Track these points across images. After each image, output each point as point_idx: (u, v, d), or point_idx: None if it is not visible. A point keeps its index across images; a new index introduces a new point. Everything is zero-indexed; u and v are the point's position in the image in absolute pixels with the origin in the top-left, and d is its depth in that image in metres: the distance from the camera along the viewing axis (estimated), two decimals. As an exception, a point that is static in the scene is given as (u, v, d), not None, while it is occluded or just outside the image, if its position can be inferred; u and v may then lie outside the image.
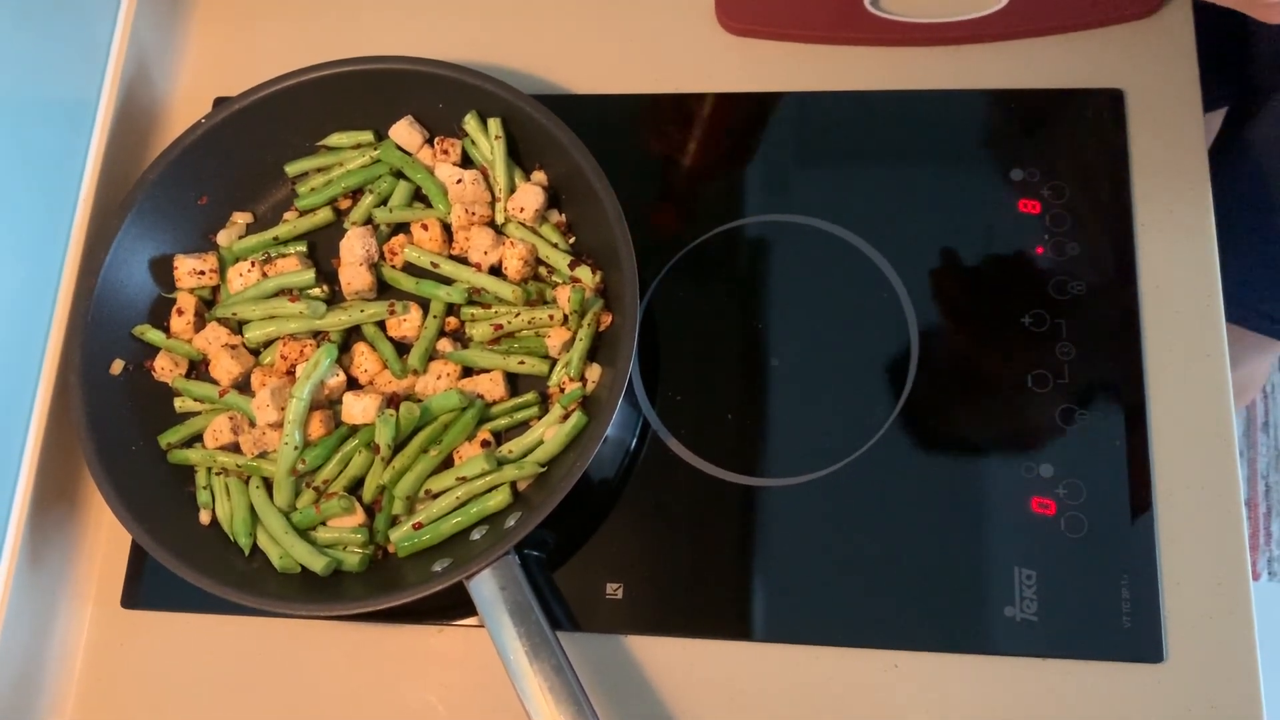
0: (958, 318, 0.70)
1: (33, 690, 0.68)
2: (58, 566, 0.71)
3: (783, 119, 0.77)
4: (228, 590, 0.63)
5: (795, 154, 0.76)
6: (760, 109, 0.77)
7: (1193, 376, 0.67)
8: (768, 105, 0.77)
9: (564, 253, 0.72)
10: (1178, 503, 0.64)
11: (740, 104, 0.78)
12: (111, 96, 0.77)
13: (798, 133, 0.77)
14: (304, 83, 0.74)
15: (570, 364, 0.68)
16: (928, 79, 0.76)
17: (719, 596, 0.66)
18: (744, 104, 0.78)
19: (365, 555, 0.66)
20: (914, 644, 0.64)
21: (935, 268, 0.72)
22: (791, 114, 0.77)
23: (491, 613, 0.60)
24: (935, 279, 0.71)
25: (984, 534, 0.65)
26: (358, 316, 0.71)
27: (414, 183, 0.75)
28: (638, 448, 0.70)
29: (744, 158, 0.77)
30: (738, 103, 0.78)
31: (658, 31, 0.80)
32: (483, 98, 0.73)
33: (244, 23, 0.85)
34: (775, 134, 0.77)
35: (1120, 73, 0.74)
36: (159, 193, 0.73)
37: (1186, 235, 0.70)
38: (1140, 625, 0.62)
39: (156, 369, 0.72)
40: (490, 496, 0.66)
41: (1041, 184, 0.72)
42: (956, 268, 0.71)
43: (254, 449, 0.69)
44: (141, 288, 0.73)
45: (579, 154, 0.69)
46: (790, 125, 0.77)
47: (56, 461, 0.71)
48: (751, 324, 0.72)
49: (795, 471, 0.68)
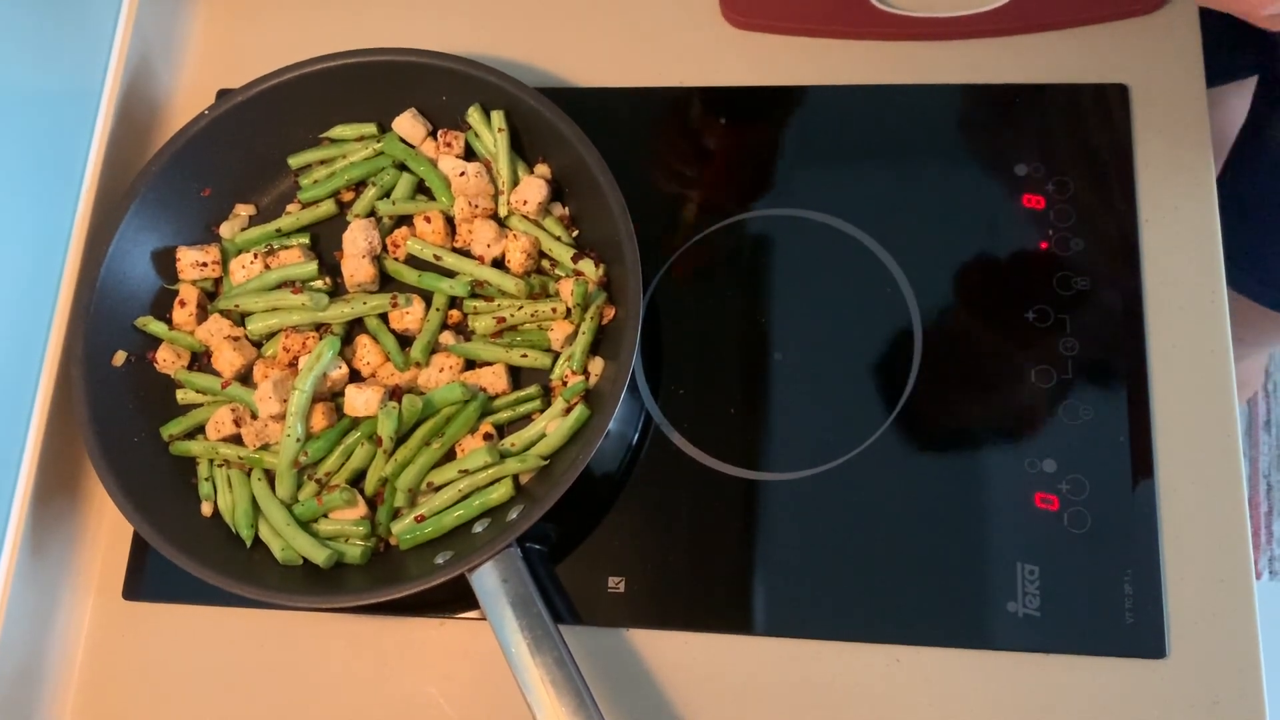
0: (961, 312, 0.70)
1: (34, 681, 0.68)
2: (59, 558, 0.71)
3: (787, 113, 0.77)
4: (229, 582, 0.63)
5: (799, 148, 0.76)
6: (764, 103, 0.77)
7: (1197, 372, 0.67)
8: (772, 99, 0.77)
9: (567, 246, 0.72)
10: (1181, 499, 0.64)
11: (744, 98, 0.78)
12: (115, 88, 0.77)
13: (802, 127, 0.76)
14: (307, 75, 0.74)
15: (573, 357, 0.68)
16: (932, 73, 0.76)
17: (721, 590, 0.66)
18: (748, 98, 0.78)
19: (367, 548, 0.66)
20: (916, 639, 0.64)
21: (939, 262, 0.71)
22: (795, 108, 0.77)
23: (493, 605, 0.60)
24: (938, 274, 0.71)
25: (986, 529, 0.65)
26: (360, 309, 0.71)
27: (417, 175, 0.75)
28: (640, 441, 0.70)
29: (748, 152, 0.76)
30: (742, 97, 0.78)
31: (662, 25, 0.80)
32: (486, 90, 0.73)
33: (248, 14, 0.85)
34: (779, 128, 0.77)
35: (1125, 68, 0.74)
36: (162, 184, 0.73)
37: (1191, 231, 0.69)
38: (1143, 621, 0.62)
39: (159, 361, 0.72)
40: (492, 489, 0.66)
41: (1046, 179, 0.72)
42: (960, 262, 0.71)
43: (256, 441, 0.69)
44: (144, 279, 0.73)
45: (583, 147, 0.69)
46: (794, 119, 0.77)
47: (58, 453, 0.71)
48: (755, 318, 0.72)
49: (798, 466, 0.68)
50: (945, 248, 0.72)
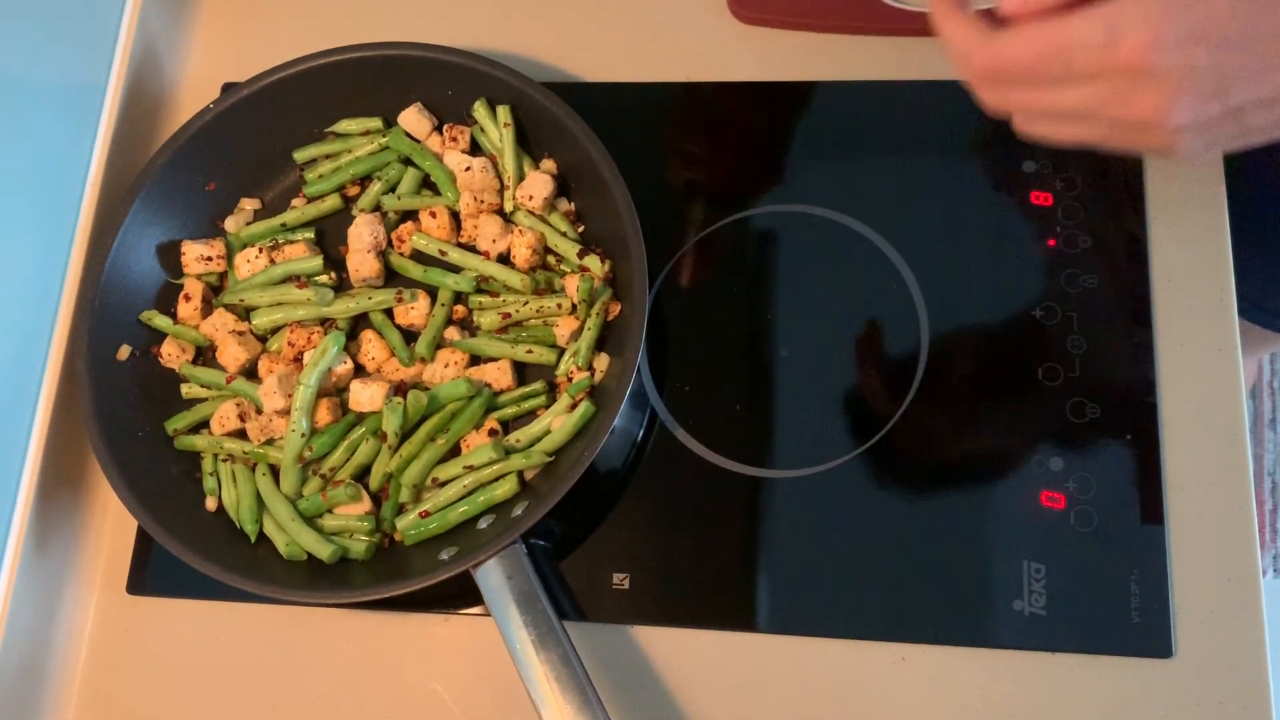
0: (968, 310, 0.70)
1: (38, 676, 0.68)
2: (63, 552, 0.71)
3: (793, 109, 0.77)
4: (233, 577, 0.63)
5: (806, 144, 0.76)
6: (771, 99, 0.77)
7: (1204, 371, 0.66)
8: (779, 95, 0.77)
9: (573, 241, 0.71)
10: (1188, 497, 0.64)
11: (751, 93, 0.77)
12: (120, 82, 0.77)
13: (809, 123, 0.76)
14: (313, 69, 0.73)
15: (578, 353, 0.68)
16: (940, 69, 0.75)
17: (725, 587, 0.66)
18: (755, 93, 0.77)
19: (371, 543, 0.66)
20: (921, 637, 0.64)
21: (945, 259, 0.71)
22: (803, 104, 0.76)
23: (498, 602, 0.60)
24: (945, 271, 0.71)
25: (992, 527, 0.65)
26: (365, 304, 0.71)
27: (422, 170, 0.75)
28: (645, 438, 0.70)
29: (755, 148, 0.76)
30: (749, 92, 0.77)
31: (669, 20, 0.80)
32: (492, 85, 0.73)
33: (253, 8, 0.85)
34: (786, 124, 0.76)
35: (1134, 64, 0.73)
36: (167, 178, 0.73)
37: (1199, 228, 0.69)
38: (1149, 620, 0.62)
39: (163, 355, 0.72)
40: (497, 485, 0.66)
41: (1054, 176, 0.72)
42: (967, 259, 0.71)
43: (261, 436, 0.69)
44: (149, 273, 0.73)
45: (589, 142, 0.69)
46: (801, 115, 0.76)
47: (63, 447, 0.71)
48: (761, 314, 0.72)
49: (803, 463, 0.68)
50: (952, 244, 0.72)
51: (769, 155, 0.76)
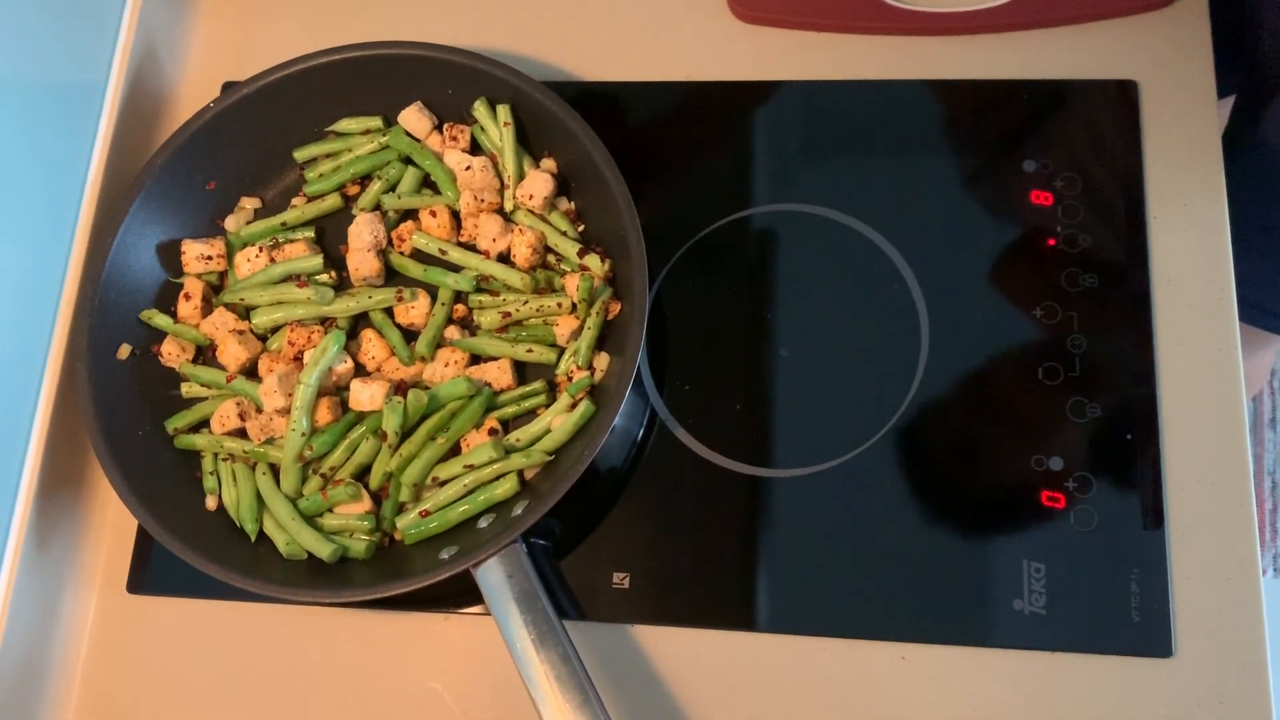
0: (968, 309, 0.70)
1: (38, 674, 0.68)
2: (63, 551, 0.71)
3: (794, 108, 0.76)
4: (233, 576, 0.63)
5: (806, 143, 0.76)
6: (772, 97, 0.77)
7: (1205, 370, 0.66)
8: (779, 94, 0.77)
9: (573, 240, 0.71)
10: (1188, 497, 0.64)
11: (752, 92, 0.77)
12: (119, 80, 0.77)
13: (809, 122, 0.76)
14: (313, 68, 0.73)
15: (578, 352, 0.68)
16: (941, 69, 0.75)
17: (725, 587, 0.66)
18: (755, 92, 0.77)
19: (372, 542, 0.66)
20: (921, 636, 0.64)
21: (946, 258, 0.71)
22: (803, 103, 0.76)
23: (498, 601, 0.60)
24: (946, 270, 0.71)
25: (993, 526, 0.65)
26: (365, 303, 0.71)
27: (423, 169, 0.75)
28: (645, 437, 0.70)
29: (755, 147, 0.76)
30: (749, 91, 0.77)
31: (669, 19, 0.80)
32: (492, 84, 0.73)
33: (253, 7, 0.85)
34: (787, 123, 0.76)
35: (1134, 64, 0.73)
36: (167, 177, 0.73)
37: (1200, 228, 0.69)
38: (1149, 620, 0.62)
39: (163, 354, 0.72)
40: (497, 485, 0.66)
41: (1054, 175, 0.72)
42: (968, 259, 0.71)
43: (261, 435, 0.69)
44: (149, 272, 0.73)
45: (589, 141, 0.69)
46: (802, 114, 0.76)
47: (63, 446, 0.71)
48: (761, 314, 0.72)
49: (804, 462, 0.68)
50: (952, 244, 0.72)
51: (769, 154, 0.76)
